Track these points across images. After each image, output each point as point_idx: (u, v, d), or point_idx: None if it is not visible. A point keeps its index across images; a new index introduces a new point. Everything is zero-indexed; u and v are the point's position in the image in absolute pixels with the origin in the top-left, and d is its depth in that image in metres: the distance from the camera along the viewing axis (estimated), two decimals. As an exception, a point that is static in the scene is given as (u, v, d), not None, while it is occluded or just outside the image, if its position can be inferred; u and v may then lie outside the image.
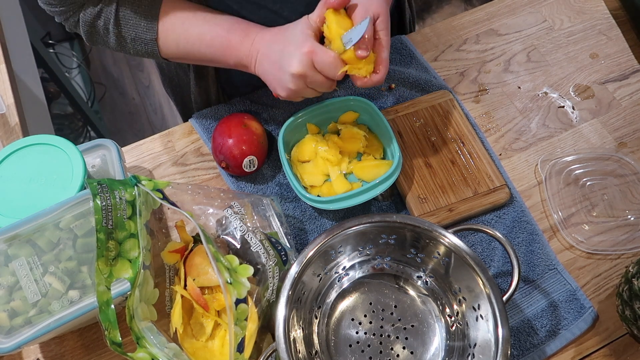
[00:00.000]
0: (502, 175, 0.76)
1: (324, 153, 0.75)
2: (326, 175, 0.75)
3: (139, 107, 2.12)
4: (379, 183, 0.69)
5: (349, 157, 0.76)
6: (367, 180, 0.74)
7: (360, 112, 0.79)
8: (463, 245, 0.59)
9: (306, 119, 0.77)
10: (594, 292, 0.71)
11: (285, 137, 0.75)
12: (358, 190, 0.69)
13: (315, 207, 0.73)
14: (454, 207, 0.73)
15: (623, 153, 0.80)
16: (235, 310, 0.54)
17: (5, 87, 0.96)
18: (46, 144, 0.66)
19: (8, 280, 0.58)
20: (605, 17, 0.95)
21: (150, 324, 0.58)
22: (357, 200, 0.69)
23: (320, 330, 0.63)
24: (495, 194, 0.74)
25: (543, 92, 0.87)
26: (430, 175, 0.76)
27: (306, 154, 0.76)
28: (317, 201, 0.69)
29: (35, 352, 0.67)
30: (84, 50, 2.19)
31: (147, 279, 0.59)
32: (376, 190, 0.69)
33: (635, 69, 0.89)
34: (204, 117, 0.82)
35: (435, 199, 0.74)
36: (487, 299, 0.57)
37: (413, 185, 0.75)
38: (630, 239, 0.74)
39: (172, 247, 0.65)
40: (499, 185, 0.74)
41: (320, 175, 0.75)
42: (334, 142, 0.76)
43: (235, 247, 0.63)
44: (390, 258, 0.67)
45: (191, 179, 0.79)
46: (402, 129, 0.79)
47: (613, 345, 0.69)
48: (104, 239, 0.55)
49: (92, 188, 0.55)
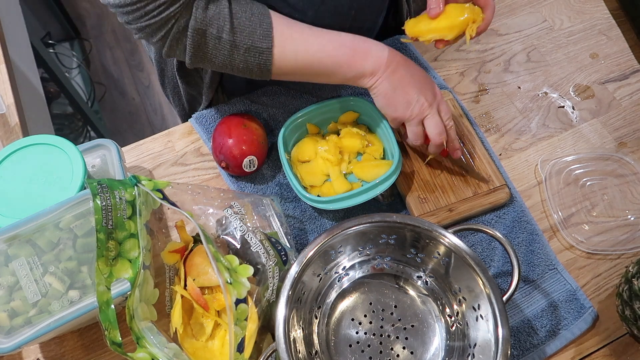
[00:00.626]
0: (502, 175, 0.76)
1: (323, 153, 0.75)
2: (326, 175, 0.75)
3: (139, 107, 2.12)
4: (379, 183, 0.69)
5: (349, 157, 0.76)
6: (367, 181, 0.74)
7: (361, 112, 0.79)
8: (463, 245, 0.59)
9: (306, 119, 0.77)
10: (594, 292, 0.71)
11: (285, 137, 0.75)
12: (358, 190, 0.69)
13: (315, 207, 0.73)
14: (454, 207, 0.73)
15: (623, 153, 0.80)
16: (235, 310, 0.54)
17: (5, 87, 0.96)
18: (46, 144, 0.66)
19: (8, 280, 0.58)
20: (605, 17, 0.95)
21: (151, 324, 0.58)
22: (357, 200, 0.69)
23: (320, 330, 0.63)
24: (495, 194, 0.74)
25: (543, 92, 0.87)
26: (431, 176, 0.76)
27: (306, 153, 0.76)
28: (317, 201, 0.69)
29: (35, 352, 0.67)
30: (84, 50, 2.19)
31: (147, 279, 0.59)
32: (376, 190, 0.69)
33: (635, 69, 0.89)
34: (204, 118, 0.82)
35: (436, 199, 0.74)
36: (487, 299, 0.57)
37: (413, 185, 0.75)
38: (630, 239, 0.74)
39: (172, 247, 0.65)
40: (499, 185, 0.74)
41: (320, 175, 0.75)
42: (333, 141, 0.76)
43: (235, 247, 0.63)
44: (390, 258, 0.67)
45: (191, 179, 0.79)
46: (401, 129, 0.79)
47: (613, 345, 0.69)
48: (104, 239, 0.55)
49: (92, 188, 0.55)
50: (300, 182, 0.73)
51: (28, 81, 1.30)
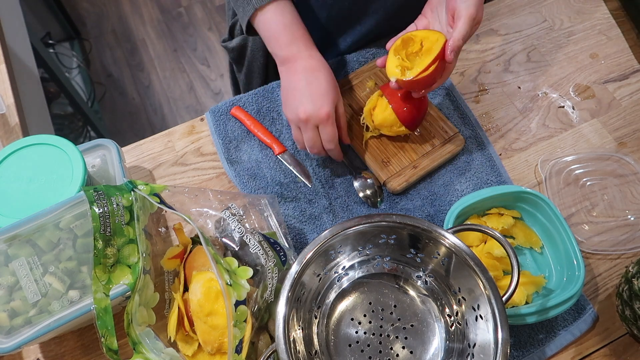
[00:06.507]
0: (454, 125, 0.80)
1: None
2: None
3: (139, 107, 2.12)
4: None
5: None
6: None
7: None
8: (463, 245, 0.59)
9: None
10: (593, 292, 0.71)
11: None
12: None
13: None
14: (417, 164, 0.77)
15: (623, 153, 0.80)
16: (235, 312, 0.54)
17: (5, 87, 0.96)
18: (46, 144, 0.66)
19: (8, 280, 0.58)
20: (605, 17, 0.95)
21: (148, 328, 0.58)
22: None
23: (320, 330, 0.63)
24: (451, 142, 0.79)
25: (543, 92, 0.87)
26: (389, 140, 0.79)
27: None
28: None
29: (35, 352, 0.67)
30: (84, 50, 2.19)
31: (147, 284, 0.59)
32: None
33: (635, 69, 0.89)
34: (218, 112, 0.83)
35: (399, 160, 0.77)
36: (486, 299, 0.57)
37: (374, 152, 0.78)
38: (630, 239, 0.74)
39: (171, 253, 0.65)
40: (452, 134, 0.79)
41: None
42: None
43: (233, 249, 0.63)
44: (389, 258, 0.67)
45: (191, 179, 0.79)
46: (352, 101, 0.83)
47: (613, 345, 0.68)
48: (102, 247, 0.55)
49: (89, 195, 0.55)
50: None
51: (28, 81, 1.30)
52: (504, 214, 0.72)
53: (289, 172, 0.78)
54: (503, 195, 0.71)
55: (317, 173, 0.78)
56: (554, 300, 0.63)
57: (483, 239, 0.71)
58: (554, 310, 0.63)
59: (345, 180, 0.78)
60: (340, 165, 0.79)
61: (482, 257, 0.68)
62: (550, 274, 0.70)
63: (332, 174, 0.78)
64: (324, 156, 0.78)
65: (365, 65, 0.87)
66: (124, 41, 2.26)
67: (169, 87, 2.16)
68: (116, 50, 2.24)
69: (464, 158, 0.79)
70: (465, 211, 0.71)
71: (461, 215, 0.70)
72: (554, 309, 0.63)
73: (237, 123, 0.82)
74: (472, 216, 0.73)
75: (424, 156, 0.78)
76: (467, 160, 0.79)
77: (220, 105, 0.84)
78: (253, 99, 0.84)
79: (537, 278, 0.68)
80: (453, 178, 0.78)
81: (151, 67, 2.19)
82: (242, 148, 0.80)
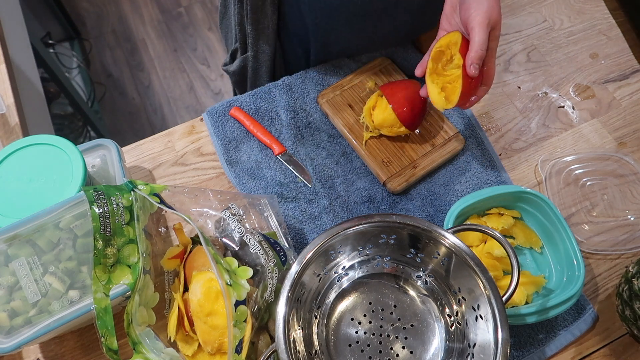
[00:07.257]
0: (454, 125, 0.81)
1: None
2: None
3: (139, 107, 2.12)
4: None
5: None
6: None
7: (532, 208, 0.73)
8: (463, 245, 0.59)
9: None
10: (593, 292, 0.71)
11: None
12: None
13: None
14: (417, 164, 0.77)
15: (623, 153, 0.80)
16: (235, 312, 0.54)
17: (5, 87, 0.96)
18: (46, 144, 0.66)
19: (8, 280, 0.58)
20: (605, 17, 0.95)
21: (148, 328, 0.58)
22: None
23: (320, 330, 0.63)
24: (451, 142, 0.79)
25: (543, 92, 0.87)
26: (389, 140, 0.79)
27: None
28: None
29: (35, 352, 0.67)
30: (84, 50, 2.19)
31: (147, 284, 0.59)
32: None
33: (635, 69, 0.89)
34: (216, 113, 0.83)
35: (399, 160, 0.78)
36: (486, 299, 0.57)
37: (375, 152, 0.78)
38: (630, 239, 0.74)
39: (171, 253, 0.65)
40: (452, 134, 0.79)
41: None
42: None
43: (233, 249, 0.63)
44: (389, 258, 0.66)
45: (191, 179, 0.79)
46: (351, 101, 0.82)
47: (613, 345, 0.68)
48: (102, 247, 0.55)
49: (89, 196, 0.55)
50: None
51: (28, 81, 1.30)
52: (504, 214, 0.72)
53: (289, 172, 0.78)
54: (503, 195, 0.71)
55: (317, 173, 0.78)
56: (554, 300, 0.63)
57: (483, 239, 0.71)
58: (554, 310, 0.63)
59: (345, 180, 0.78)
60: (341, 165, 0.79)
61: (482, 257, 0.68)
62: (550, 274, 0.70)
63: (332, 174, 0.78)
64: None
65: (365, 65, 0.87)
66: (124, 41, 2.26)
67: (169, 87, 2.16)
68: (116, 50, 2.24)
69: (464, 158, 0.79)
70: (465, 211, 0.71)
71: (461, 215, 0.70)
72: (554, 309, 0.63)
73: (236, 124, 0.82)
74: (472, 216, 0.73)
75: (424, 156, 0.78)
76: (467, 160, 0.79)
77: (218, 107, 0.84)
78: (250, 99, 0.84)
79: (537, 278, 0.68)
80: (453, 178, 0.78)
81: (151, 67, 2.19)
82: (242, 148, 0.80)
